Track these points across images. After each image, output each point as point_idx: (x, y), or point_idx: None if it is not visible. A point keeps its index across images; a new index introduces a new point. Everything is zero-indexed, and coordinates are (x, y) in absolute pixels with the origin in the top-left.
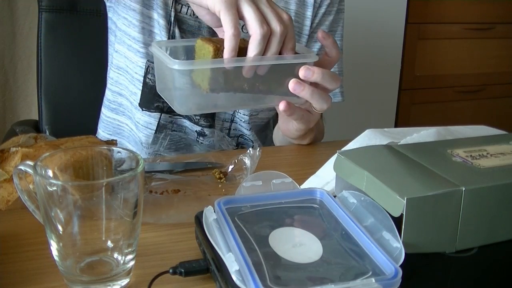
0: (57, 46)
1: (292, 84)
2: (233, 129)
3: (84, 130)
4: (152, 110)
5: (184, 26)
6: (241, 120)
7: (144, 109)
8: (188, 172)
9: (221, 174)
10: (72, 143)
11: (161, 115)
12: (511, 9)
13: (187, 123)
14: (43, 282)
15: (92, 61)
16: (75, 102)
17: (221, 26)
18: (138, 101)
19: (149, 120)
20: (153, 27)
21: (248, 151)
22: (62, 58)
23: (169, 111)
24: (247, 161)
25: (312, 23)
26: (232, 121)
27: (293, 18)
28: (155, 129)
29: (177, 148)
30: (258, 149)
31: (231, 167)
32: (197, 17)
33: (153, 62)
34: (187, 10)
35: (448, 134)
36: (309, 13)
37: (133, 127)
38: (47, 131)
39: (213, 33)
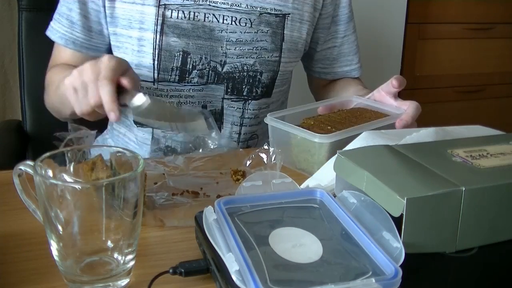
0: (39, 46)
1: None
2: (244, 133)
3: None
4: (144, 126)
5: (177, 31)
6: (250, 119)
7: (138, 125)
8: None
9: (238, 176)
10: None
11: (153, 130)
12: (511, 9)
13: (182, 137)
14: (43, 282)
15: None
16: None
17: None
18: (133, 118)
19: (145, 136)
20: (134, 45)
21: (264, 147)
22: (44, 57)
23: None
24: (264, 157)
25: (317, 9)
26: (241, 124)
27: (290, 4)
28: (150, 144)
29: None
30: (274, 148)
31: (248, 162)
32: (189, 18)
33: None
34: (178, 14)
35: (445, 134)
36: None
37: (133, 139)
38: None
39: (209, 32)
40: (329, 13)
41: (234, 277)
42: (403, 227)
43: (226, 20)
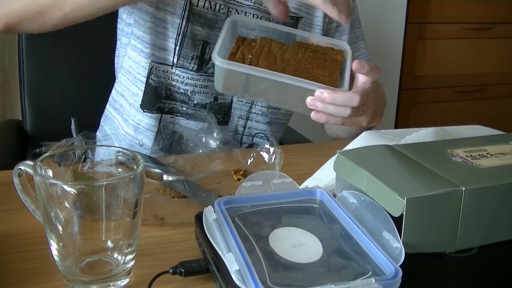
0: (39, 46)
1: (308, 100)
2: (248, 127)
3: (69, 130)
4: (153, 112)
5: (201, 20)
6: (257, 114)
7: (145, 110)
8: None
9: (239, 175)
10: None
11: (161, 116)
12: (511, 9)
13: (190, 123)
14: (43, 282)
15: (75, 59)
16: (58, 102)
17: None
18: (140, 102)
19: (151, 122)
20: (159, 26)
21: (265, 146)
22: (44, 57)
23: (170, 111)
24: (265, 156)
25: (327, 15)
26: (247, 118)
27: (304, 9)
28: (156, 130)
29: (176, 151)
30: (275, 148)
31: (249, 161)
32: (214, 10)
33: (156, 63)
34: (204, 4)
35: (445, 134)
36: None
37: (130, 130)
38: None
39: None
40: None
41: (234, 277)
42: (403, 227)
43: (248, 17)
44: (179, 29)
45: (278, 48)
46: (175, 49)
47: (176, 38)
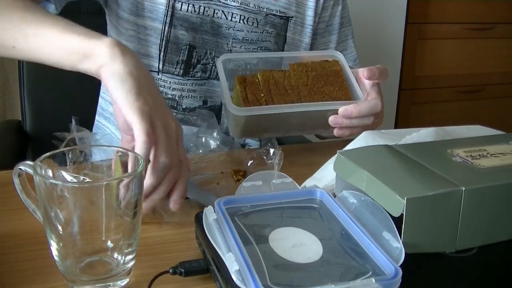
0: None
1: (332, 119)
2: None
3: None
4: None
5: (186, 24)
6: None
7: None
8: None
9: (239, 176)
10: None
11: None
12: (511, 9)
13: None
14: (43, 282)
15: None
16: (58, 102)
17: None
18: None
19: None
20: (142, 33)
21: (267, 149)
22: None
23: None
24: (265, 157)
25: (317, 14)
26: None
27: (294, 8)
28: None
29: None
30: (275, 148)
31: (249, 162)
32: (199, 13)
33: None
34: (188, 7)
35: (445, 134)
36: (311, 3)
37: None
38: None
39: (217, 29)
40: (325, 18)
41: (234, 277)
42: (403, 227)
43: (235, 18)
44: (162, 34)
45: (281, 77)
46: (159, 55)
47: (160, 44)
